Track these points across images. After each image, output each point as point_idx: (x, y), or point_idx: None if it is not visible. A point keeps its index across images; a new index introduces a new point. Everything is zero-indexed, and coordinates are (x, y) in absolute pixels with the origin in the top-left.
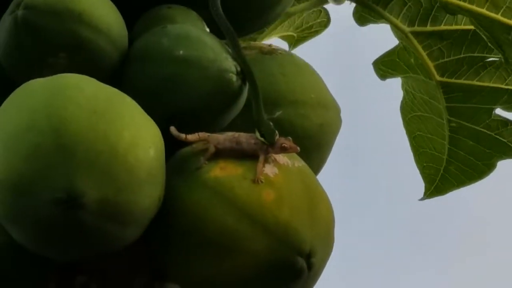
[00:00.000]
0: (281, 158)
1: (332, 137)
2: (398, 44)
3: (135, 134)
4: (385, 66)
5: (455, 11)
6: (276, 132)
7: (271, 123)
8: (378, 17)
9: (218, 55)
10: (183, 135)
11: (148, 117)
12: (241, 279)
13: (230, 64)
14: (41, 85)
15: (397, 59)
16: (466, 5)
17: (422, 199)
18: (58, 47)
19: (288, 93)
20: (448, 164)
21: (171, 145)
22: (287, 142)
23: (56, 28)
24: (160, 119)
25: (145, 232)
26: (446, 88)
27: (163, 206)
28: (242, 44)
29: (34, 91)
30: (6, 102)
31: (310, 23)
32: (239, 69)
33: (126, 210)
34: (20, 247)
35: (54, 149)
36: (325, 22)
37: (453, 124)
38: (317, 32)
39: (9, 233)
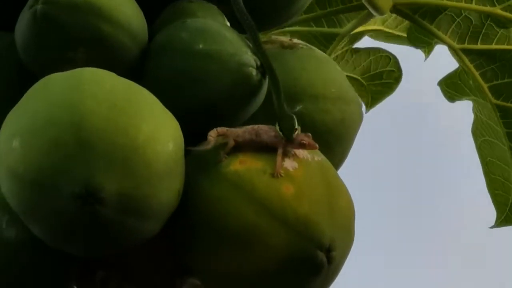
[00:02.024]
0: (301, 152)
1: (353, 131)
2: (459, 66)
3: (154, 128)
4: (449, 88)
5: (506, 23)
6: (297, 127)
7: (294, 117)
8: (430, 37)
9: (238, 49)
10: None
11: (167, 111)
12: (261, 273)
13: (249, 58)
14: (61, 79)
15: (459, 81)
16: None
17: (492, 227)
18: (78, 41)
19: (309, 87)
20: None
21: (191, 139)
22: (306, 138)
23: (76, 23)
24: (180, 113)
25: (165, 227)
26: (503, 113)
27: (183, 200)
28: (263, 38)
29: (54, 85)
30: (25, 96)
31: (379, 70)
32: (259, 63)
33: (146, 204)
34: (40, 243)
35: (73, 144)
36: (397, 74)
37: None
38: (390, 88)
39: (29, 228)
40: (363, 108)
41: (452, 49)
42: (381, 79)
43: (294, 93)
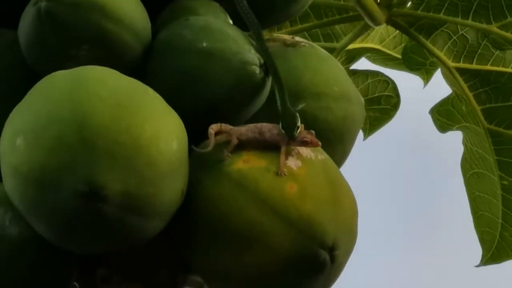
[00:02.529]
0: (304, 150)
1: (355, 130)
2: (452, 93)
3: (158, 127)
4: (441, 115)
5: (502, 45)
6: (300, 125)
7: (297, 115)
8: (425, 56)
9: (241, 47)
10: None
11: (171, 110)
12: (264, 272)
13: (253, 56)
14: (64, 77)
15: (452, 108)
16: None
17: (478, 265)
18: (81, 39)
19: (311, 85)
20: (503, 229)
21: (194, 138)
22: (308, 136)
23: (79, 20)
24: (183, 111)
25: (168, 225)
26: (495, 138)
27: (186, 199)
28: (265, 36)
29: (57, 83)
30: (28, 94)
31: (377, 94)
32: (262, 61)
33: (149, 203)
34: (43, 240)
35: (76, 142)
36: (395, 101)
37: (505, 182)
38: (388, 115)
39: (32, 226)
40: (361, 135)
41: (446, 68)
42: (379, 104)
43: (297, 91)
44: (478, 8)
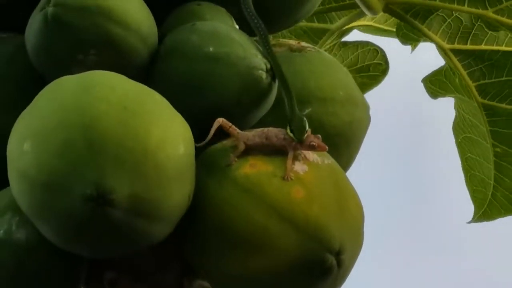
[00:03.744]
0: (311, 155)
1: (361, 134)
2: (445, 64)
3: (165, 131)
4: (433, 84)
5: (496, 27)
6: (308, 129)
7: (305, 119)
8: (420, 35)
9: (247, 52)
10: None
11: (178, 114)
12: (270, 276)
13: (259, 61)
14: (72, 82)
15: (444, 79)
16: (508, 20)
17: (469, 222)
18: (88, 44)
19: (317, 90)
20: (495, 190)
21: (201, 142)
22: (316, 140)
23: (86, 25)
24: (189, 116)
25: (175, 229)
26: (489, 111)
27: (193, 203)
28: (272, 41)
29: (65, 88)
30: (36, 99)
31: (366, 63)
32: (268, 66)
33: (156, 207)
34: (50, 244)
35: (84, 146)
36: (384, 68)
37: (498, 150)
38: (376, 79)
39: (39, 230)
40: None
41: (441, 49)
42: (368, 72)
43: (302, 96)
44: None
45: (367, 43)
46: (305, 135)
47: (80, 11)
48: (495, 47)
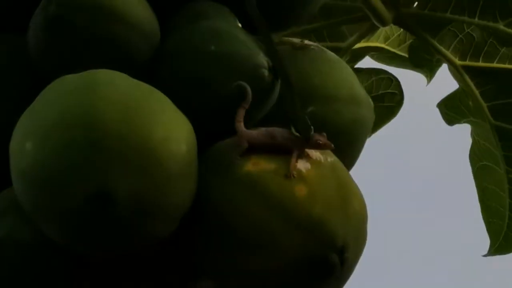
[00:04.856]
0: (314, 153)
1: (364, 133)
2: (459, 87)
3: (167, 129)
4: (448, 109)
5: (507, 41)
6: (312, 127)
7: (307, 118)
8: (432, 54)
9: (250, 51)
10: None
11: (180, 113)
12: (272, 275)
13: (262, 60)
14: (73, 81)
15: (459, 102)
16: None
17: (485, 255)
18: (90, 42)
19: (320, 88)
20: (511, 220)
21: (204, 140)
22: (322, 138)
23: (88, 24)
24: (192, 114)
25: (177, 228)
26: (502, 134)
27: (196, 201)
28: (275, 39)
29: (66, 87)
30: (38, 98)
31: (381, 92)
32: (271, 64)
33: (158, 205)
34: (52, 243)
35: (86, 145)
36: (399, 98)
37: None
38: (392, 111)
39: (41, 230)
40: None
41: (453, 66)
42: (382, 102)
43: (306, 95)
44: (485, 7)
45: (381, 71)
46: (311, 134)
47: (81, 10)
48: (507, 66)
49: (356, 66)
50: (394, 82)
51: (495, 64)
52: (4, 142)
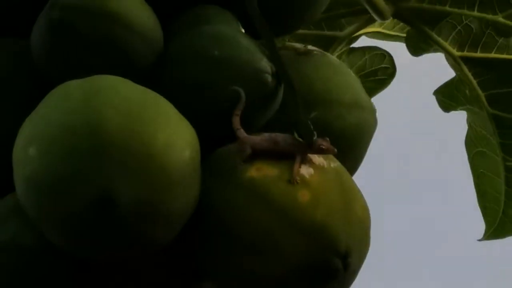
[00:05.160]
0: (317, 158)
1: (367, 137)
2: (456, 75)
3: (170, 135)
4: (444, 97)
5: (506, 32)
6: (315, 133)
7: (309, 123)
8: (430, 43)
9: (253, 56)
10: (238, 126)
11: (183, 118)
12: (276, 280)
13: (265, 65)
14: (77, 86)
15: (455, 90)
16: None
17: (480, 240)
18: (94, 47)
19: (324, 93)
20: (506, 207)
21: (207, 146)
22: (325, 143)
23: (92, 29)
24: (195, 119)
25: (180, 232)
26: (499, 122)
27: (199, 206)
28: (278, 44)
29: (70, 92)
30: (41, 104)
31: (374, 68)
32: (274, 69)
33: (161, 211)
34: (55, 248)
35: (89, 151)
36: (391, 71)
37: (509, 164)
38: (384, 83)
39: (44, 234)
40: None
41: (451, 56)
42: (375, 76)
43: (309, 100)
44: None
45: (374, 48)
46: (314, 139)
47: (85, 15)
48: (505, 56)
49: (351, 46)
50: (387, 57)
51: (493, 55)
52: (8, 146)
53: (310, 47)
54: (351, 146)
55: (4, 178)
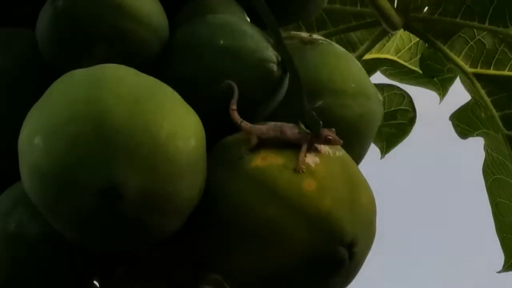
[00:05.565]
0: (322, 147)
1: (373, 126)
2: (471, 99)
3: (176, 124)
4: (460, 121)
5: None
6: (321, 123)
7: (314, 114)
8: (443, 63)
9: (258, 45)
10: (238, 119)
11: (189, 107)
12: (282, 269)
13: (270, 54)
14: (82, 76)
15: (471, 113)
16: None
17: (500, 271)
18: (99, 37)
19: (329, 82)
20: None
21: (212, 135)
22: (331, 134)
23: (97, 18)
24: (200, 109)
25: (186, 222)
26: None
27: (204, 196)
28: (283, 34)
29: (75, 82)
30: (46, 93)
31: (393, 108)
32: (279, 59)
33: (167, 201)
34: (61, 238)
35: (95, 140)
36: (411, 116)
37: None
38: (404, 131)
39: (50, 224)
40: (378, 153)
41: (464, 74)
42: (395, 119)
43: (314, 89)
44: (495, 12)
45: (393, 87)
46: (320, 129)
47: (90, 4)
48: None
49: None
50: (406, 98)
51: (506, 72)
52: (14, 136)
53: (315, 36)
54: (356, 135)
55: (11, 167)
